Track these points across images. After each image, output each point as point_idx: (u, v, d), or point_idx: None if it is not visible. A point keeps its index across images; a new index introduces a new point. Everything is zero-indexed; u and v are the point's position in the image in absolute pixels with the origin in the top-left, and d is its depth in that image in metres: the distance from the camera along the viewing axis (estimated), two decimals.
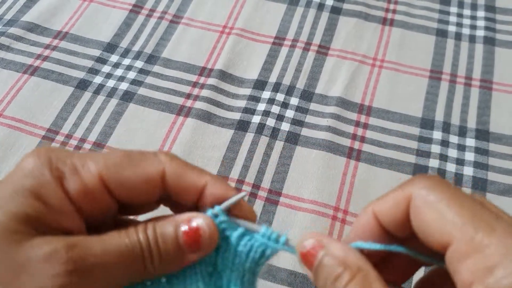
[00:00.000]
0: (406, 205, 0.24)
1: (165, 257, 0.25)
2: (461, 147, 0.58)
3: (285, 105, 0.61)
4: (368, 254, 0.25)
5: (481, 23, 0.70)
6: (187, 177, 0.26)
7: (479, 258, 0.20)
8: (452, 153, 0.57)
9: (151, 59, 0.66)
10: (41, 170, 0.24)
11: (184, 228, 0.25)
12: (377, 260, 0.26)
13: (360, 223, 0.26)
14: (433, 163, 0.56)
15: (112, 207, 0.26)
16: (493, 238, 0.20)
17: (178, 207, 0.28)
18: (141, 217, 0.29)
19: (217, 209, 0.27)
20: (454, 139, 0.59)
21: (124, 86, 0.63)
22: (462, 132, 0.59)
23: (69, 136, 0.59)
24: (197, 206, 0.28)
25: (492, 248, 0.20)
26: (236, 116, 0.60)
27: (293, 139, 0.58)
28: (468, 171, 0.56)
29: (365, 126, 0.60)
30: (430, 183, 0.23)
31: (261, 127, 0.59)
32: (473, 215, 0.21)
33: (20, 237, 0.23)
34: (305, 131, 0.59)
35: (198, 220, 0.26)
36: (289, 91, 0.63)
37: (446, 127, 0.59)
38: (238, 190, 0.29)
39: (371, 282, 0.23)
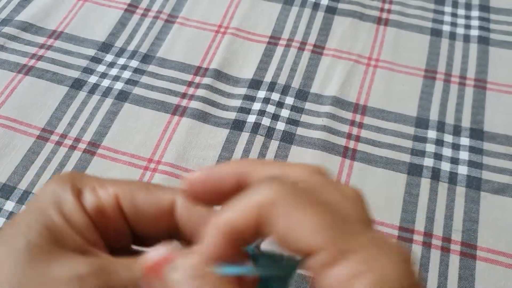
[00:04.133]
0: (258, 212, 0.21)
1: None
2: (456, 146, 0.58)
3: (280, 104, 0.62)
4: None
5: (475, 22, 0.70)
6: (196, 210, 0.26)
7: (344, 266, 0.19)
8: (447, 152, 0.58)
9: (146, 58, 0.66)
10: (63, 188, 0.25)
11: None
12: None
13: (211, 241, 0.22)
14: (428, 162, 0.57)
15: (127, 233, 0.27)
16: (357, 246, 0.20)
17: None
18: None
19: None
20: (448, 138, 0.59)
21: (119, 85, 0.63)
22: (457, 131, 0.59)
23: (63, 136, 0.58)
24: None
25: (358, 256, 0.19)
26: (232, 115, 0.60)
27: (288, 138, 0.59)
28: (462, 170, 0.56)
29: (360, 125, 0.60)
30: (279, 188, 0.21)
31: (256, 126, 0.59)
32: (334, 221, 0.20)
33: (47, 256, 0.23)
34: (300, 131, 0.59)
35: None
36: (284, 91, 0.63)
37: (440, 127, 0.60)
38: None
39: None
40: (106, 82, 0.63)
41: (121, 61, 0.66)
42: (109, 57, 0.66)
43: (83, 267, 0.23)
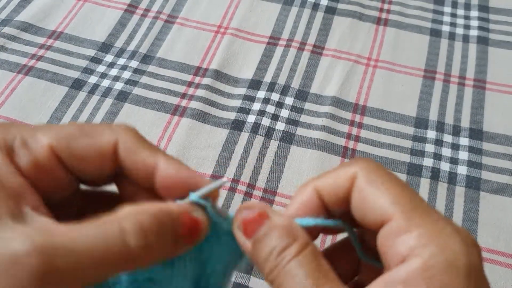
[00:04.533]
0: (350, 182, 0.25)
1: (161, 249, 0.23)
2: (455, 146, 0.58)
3: (280, 104, 0.62)
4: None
5: (474, 23, 0.70)
6: (139, 152, 0.25)
7: (416, 235, 0.22)
8: (446, 152, 0.58)
9: (146, 59, 0.66)
10: None
11: (185, 219, 0.24)
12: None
13: (301, 199, 0.26)
14: (427, 162, 0.57)
15: (69, 181, 0.25)
16: (428, 219, 0.22)
17: (138, 192, 0.27)
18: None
19: (193, 196, 0.25)
20: (448, 138, 0.59)
21: (119, 86, 0.63)
22: (456, 131, 0.60)
23: None
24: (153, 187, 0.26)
25: (427, 229, 0.22)
26: (231, 115, 0.61)
27: (288, 138, 0.59)
28: (462, 170, 0.56)
29: (360, 125, 0.60)
30: (372, 165, 0.25)
31: (256, 126, 0.59)
32: (411, 198, 0.23)
33: None
34: (300, 131, 0.59)
35: (199, 213, 0.24)
36: (284, 91, 0.63)
37: (440, 127, 0.60)
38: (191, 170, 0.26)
39: (319, 258, 0.23)
40: (106, 82, 0.63)
41: (121, 61, 0.66)
42: (109, 57, 0.66)
43: (18, 243, 0.19)
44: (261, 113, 0.61)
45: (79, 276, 0.20)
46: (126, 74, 0.64)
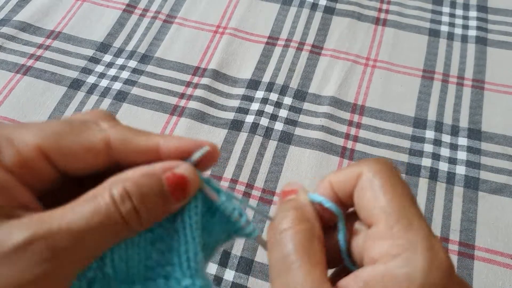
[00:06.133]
0: (356, 180, 0.26)
1: (152, 211, 0.23)
2: (454, 146, 0.58)
3: (278, 104, 0.62)
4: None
5: (473, 23, 0.70)
6: (135, 141, 0.25)
7: (390, 244, 0.23)
8: (445, 152, 0.58)
9: (145, 58, 0.66)
10: None
11: (168, 176, 0.24)
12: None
13: (319, 190, 0.28)
14: (426, 162, 0.57)
15: (57, 176, 0.25)
16: (408, 232, 0.23)
17: None
18: None
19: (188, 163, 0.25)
20: (446, 138, 0.59)
21: (117, 85, 0.63)
22: (455, 131, 0.60)
23: None
24: None
25: (402, 241, 0.23)
26: (230, 115, 0.61)
27: (286, 138, 0.59)
28: (460, 170, 0.56)
29: (358, 125, 0.60)
30: (378, 167, 0.26)
31: (254, 126, 0.59)
32: (402, 207, 0.24)
33: None
34: (298, 131, 0.59)
35: (182, 167, 0.24)
36: (283, 91, 0.63)
37: (438, 127, 0.60)
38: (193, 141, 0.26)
39: (314, 240, 0.25)
40: (104, 82, 0.63)
41: (120, 61, 0.66)
42: (107, 57, 0.66)
43: (18, 235, 0.20)
44: (260, 113, 0.61)
45: (82, 252, 0.22)
46: (125, 74, 0.64)
